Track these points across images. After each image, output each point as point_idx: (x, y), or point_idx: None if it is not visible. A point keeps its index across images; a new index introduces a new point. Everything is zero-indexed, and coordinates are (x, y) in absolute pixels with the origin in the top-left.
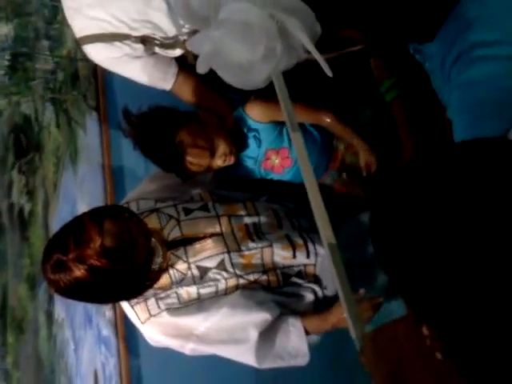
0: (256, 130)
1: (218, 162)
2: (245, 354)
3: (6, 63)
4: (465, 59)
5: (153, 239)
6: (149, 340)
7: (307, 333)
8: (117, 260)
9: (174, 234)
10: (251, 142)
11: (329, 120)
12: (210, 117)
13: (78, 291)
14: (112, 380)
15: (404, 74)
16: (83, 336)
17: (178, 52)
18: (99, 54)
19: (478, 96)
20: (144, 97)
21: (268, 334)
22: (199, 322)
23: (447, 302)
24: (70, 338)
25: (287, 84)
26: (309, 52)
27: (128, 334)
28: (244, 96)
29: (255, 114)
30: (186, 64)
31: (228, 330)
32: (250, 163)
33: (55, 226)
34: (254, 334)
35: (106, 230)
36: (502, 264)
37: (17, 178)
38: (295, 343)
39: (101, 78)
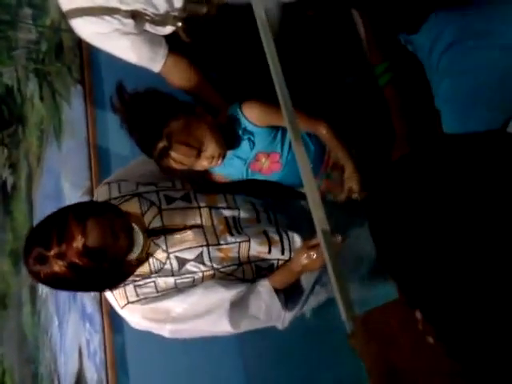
0: (251, 133)
1: (204, 163)
2: (219, 322)
3: None
4: (457, 49)
5: (135, 226)
6: (129, 322)
7: (279, 291)
8: (98, 259)
9: (154, 223)
10: (244, 143)
11: (324, 132)
12: (207, 114)
13: (58, 283)
14: (96, 356)
15: (398, 58)
16: (67, 312)
17: (168, 29)
18: (87, 29)
19: (468, 86)
20: (131, 70)
21: (240, 299)
22: (176, 304)
23: (438, 289)
24: (54, 313)
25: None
26: None
27: (112, 311)
28: (239, 87)
29: (253, 117)
30: (177, 47)
31: (203, 306)
32: (238, 162)
33: (39, 201)
34: (226, 303)
35: (89, 230)
36: (491, 254)
37: None
38: (267, 301)
39: (86, 49)
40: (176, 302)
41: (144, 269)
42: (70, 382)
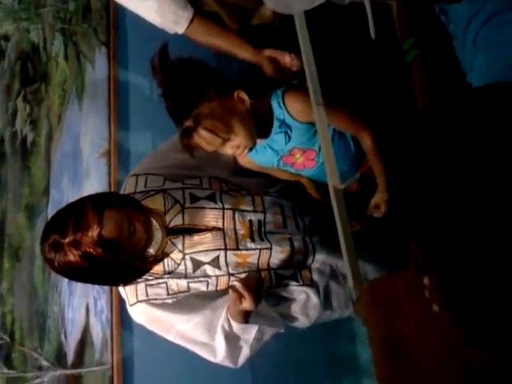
0: (289, 127)
1: (228, 150)
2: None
3: None
4: (496, 21)
5: (154, 223)
6: (134, 319)
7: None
8: (112, 250)
9: (175, 221)
10: (280, 136)
11: (367, 140)
12: (244, 99)
13: (71, 273)
14: (103, 314)
15: (427, 34)
16: None
17: None
18: None
19: (506, 58)
20: (157, 36)
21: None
22: (181, 322)
23: (458, 246)
24: None
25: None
26: None
27: None
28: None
29: (295, 111)
30: (203, 11)
31: (206, 331)
32: (270, 152)
33: (57, 159)
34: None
35: (105, 220)
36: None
37: (21, 106)
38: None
39: (113, 12)
40: (181, 319)
41: (158, 268)
42: (75, 337)
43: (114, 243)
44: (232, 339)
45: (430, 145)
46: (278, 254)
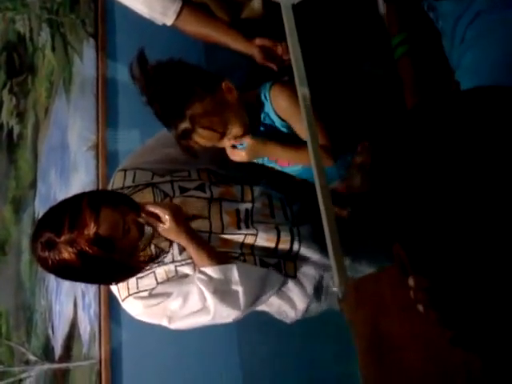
0: (273, 122)
1: (226, 143)
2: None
3: None
4: (484, 19)
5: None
6: (130, 313)
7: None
8: (107, 249)
9: None
10: (264, 130)
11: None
12: (233, 90)
13: (64, 272)
14: (91, 308)
15: (416, 30)
16: None
17: None
18: None
19: (493, 58)
20: (146, 28)
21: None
22: (171, 301)
23: (444, 247)
24: None
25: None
26: None
27: None
28: None
29: (278, 106)
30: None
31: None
32: None
33: (44, 152)
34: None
35: (102, 219)
36: (501, 218)
37: (7, 98)
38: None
39: (101, 4)
40: (171, 299)
41: (146, 258)
42: (63, 331)
43: (109, 242)
44: (219, 287)
45: (415, 147)
46: (262, 241)
